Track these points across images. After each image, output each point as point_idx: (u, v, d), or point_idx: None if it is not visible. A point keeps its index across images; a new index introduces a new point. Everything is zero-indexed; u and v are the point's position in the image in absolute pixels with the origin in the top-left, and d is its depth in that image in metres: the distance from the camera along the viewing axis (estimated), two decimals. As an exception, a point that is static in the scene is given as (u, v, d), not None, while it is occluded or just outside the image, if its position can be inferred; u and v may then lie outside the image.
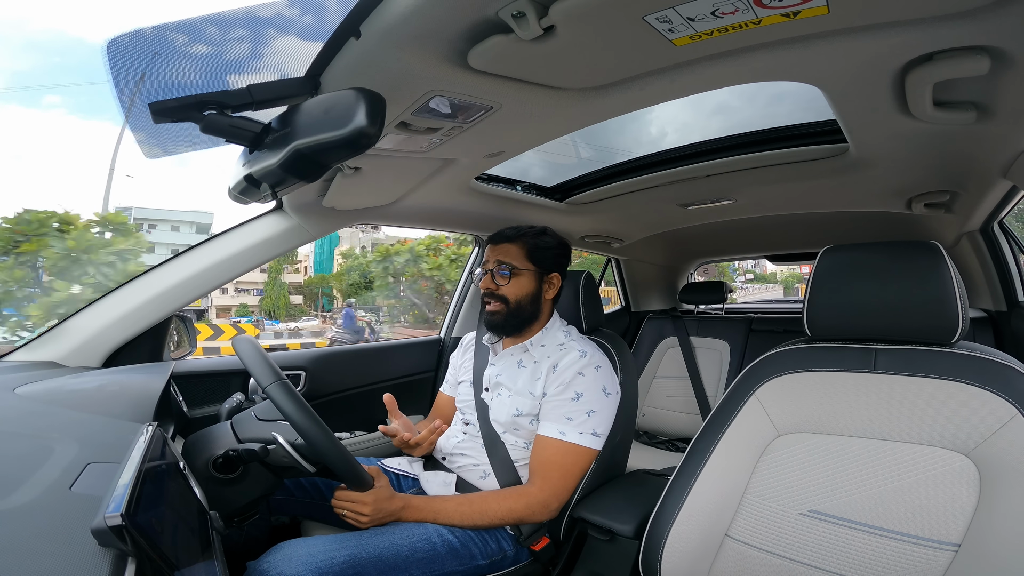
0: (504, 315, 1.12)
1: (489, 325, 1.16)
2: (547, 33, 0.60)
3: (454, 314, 1.85)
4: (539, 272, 1.14)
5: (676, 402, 2.25)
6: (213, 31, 0.65)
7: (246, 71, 0.68)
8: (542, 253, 1.15)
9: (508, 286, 1.12)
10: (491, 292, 1.13)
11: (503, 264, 1.12)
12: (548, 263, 1.15)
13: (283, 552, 0.82)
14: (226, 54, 0.66)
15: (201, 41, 0.65)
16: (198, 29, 0.64)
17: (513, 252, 1.14)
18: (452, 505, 0.98)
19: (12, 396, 0.79)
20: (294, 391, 0.77)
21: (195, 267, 1.10)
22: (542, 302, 1.15)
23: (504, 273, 1.12)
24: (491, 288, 1.13)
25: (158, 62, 0.64)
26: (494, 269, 1.13)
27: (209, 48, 0.66)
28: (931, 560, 0.68)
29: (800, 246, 2.32)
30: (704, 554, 0.83)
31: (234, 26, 0.65)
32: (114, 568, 0.40)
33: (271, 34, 0.67)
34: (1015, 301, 1.67)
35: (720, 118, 1.25)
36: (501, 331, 1.15)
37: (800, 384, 0.85)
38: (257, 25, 0.65)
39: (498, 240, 1.16)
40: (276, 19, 0.66)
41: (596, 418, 1.03)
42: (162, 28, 0.63)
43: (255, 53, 0.67)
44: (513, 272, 1.12)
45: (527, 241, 1.14)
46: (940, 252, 0.77)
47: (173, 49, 0.65)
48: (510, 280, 1.12)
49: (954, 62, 0.65)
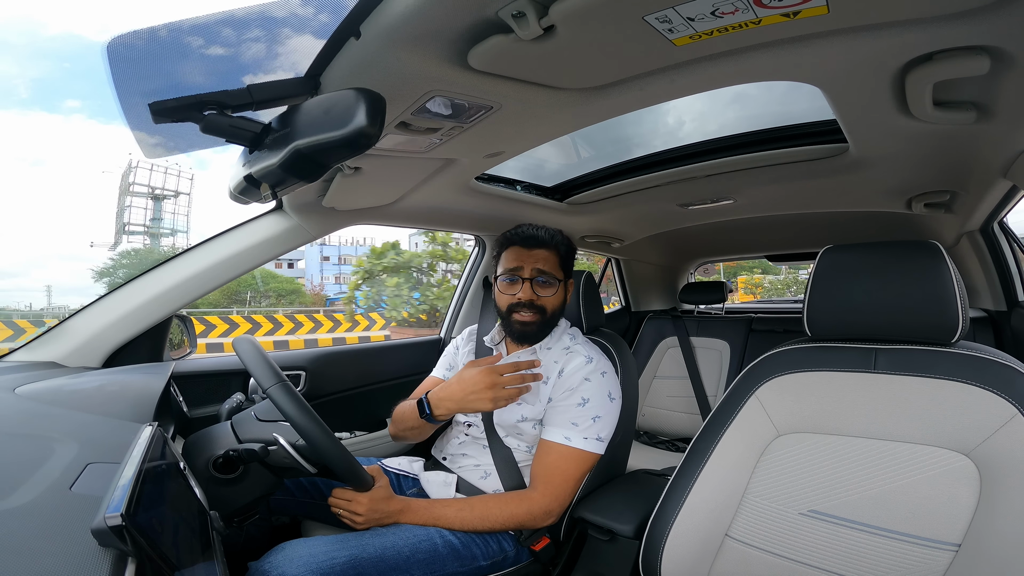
0: (538, 325, 1.07)
1: (519, 336, 1.10)
2: (547, 33, 0.60)
3: (454, 314, 1.84)
4: (566, 281, 1.12)
5: (676, 402, 2.25)
6: (213, 31, 0.64)
7: (246, 71, 0.68)
8: (570, 260, 1.12)
9: (551, 297, 1.07)
10: (530, 303, 1.06)
11: (545, 274, 1.06)
12: (570, 270, 1.14)
13: (284, 553, 0.82)
14: (226, 54, 0.66)
15: (201, 41, 0.65)
16: (198, 29, 0.64)
17: (552, 260, 1.08)
18: (452, 510, 0.97)
19: (12, 396, 0.79)
20: (295, 392, 0.77)
21: (195, 267, 1.10)
22: (563, 310, 1.14)
23: (550, 283, 1.06)
24: (532, 299, 1.06)
25: (158, 62, 0.64)
26: (534, 278, 1.06)
27: (209, 48, 0.66)
28: (931, 560, 0.68)
29: (800, 246, 2.33)
30: (704, 554, 0.83)
31: (234, 26, 0.65)
32: (114, 568, 0.40)
33: (271, 34, 0.67)
34: (1015, 301, 1.67)
35: (737, 107, 1.22)
36: (530, 341, 1.11)
37: (800, 384, 0.85)
38: (257, 25, 0.65)
39: (531, 244, 1.08)
40: (276, 19, 0.66)
41: (600, 423, 1.02)
42: (163, 28, 0.63)
43: (255, 53, 0.67)
44: (558, 283, 1.08)
45: (560, 248, 1.10)
46: (940, 252, 0.77)
47: (173, 49, 0.65)
48: (555, 291, 1.07)
49: (954, 62, 0.65)
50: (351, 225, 1.34)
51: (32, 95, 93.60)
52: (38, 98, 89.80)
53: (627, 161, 1.40)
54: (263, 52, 0.67)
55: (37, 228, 74.87)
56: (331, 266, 31.06)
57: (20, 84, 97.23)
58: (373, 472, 0.94)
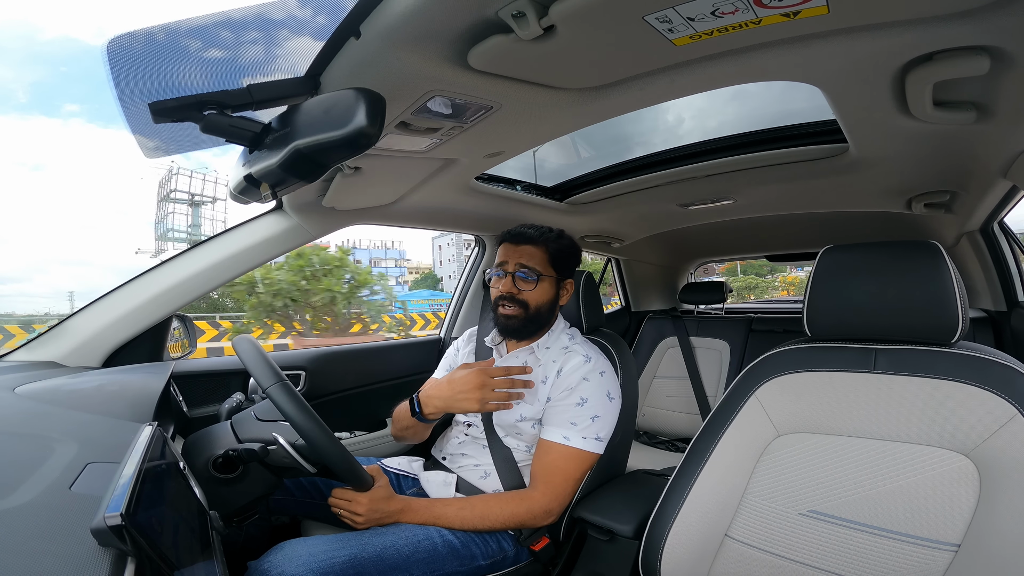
0: (521, 320, 1.08)
1: (503, 329, 1.12)
2: (547, 33, 0.60)
3: (454, 314, 1.84)
4: (558, 279, 1.12)
5: (676, 402, 2.25)
6: (213, 31, 0.64)
7: (246, 71, 0.68)
8: (563, 259, 1.12)
9: (532, 292, 1.08)
10: (512, 296, 1.08)
11: (527, 268, 1.08)
12: (567, 269, 1.13)
13: (283, 552, 0.82)
14: (226, 54, 0.66)
15: (201, 41, 0.65)
16: (198, 29, 0.64)
17: (537, 256, 1.09)
18: (453, 510, 0.97)
19: (12, 396, 0.79)
20: (295, 392, 0.77)
21: (195, 267, 1.10)
22: (556, 309, 1.13)
23: (530, 278, 1.07)
24: (512, 292, 1.08)
25: (158, 62, 0.64)
26: (515, 272, 1.08)
27: (209, 48, 0.66)
28: (931, 560, 0.68)
29: (800, 246, 2.33)
30: (704, 554, 0.83)
31: (234, 26, 0.65)
32: (114, 568, 0.40)
33: (271, 34, 0.67)
34: (1015, 301, 1.67)
35: (736, 104, 1.22)
36: (514, 335, 1.12)
37: (800, 384, 0.85)
38: (257, 25, 0.65)
39: (518, 240, 1.10)
40: (276, 19, 0.66)
41: (599, 423, 1.02)
42: (163, 28, 0.63)
43: (255, 53, 0.67)
44: (540, 277, 1.08)
45: (550, 245, 1.10)
46: (940, 252, 0.77)
47: (173, 49, 0.65)
48: (536, 286, 1.08)
49: (954, 62, 0.65)
50: (351, 225, 1.34)
51: (30, 100, 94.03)
52: (37, 103, 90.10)
53: (627, 161, 1.41)
54: (263, 52, 0.67)
55: (37, 233, 75.02)
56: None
57: (18, 89, 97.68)
58: (372, 472, 0.94)
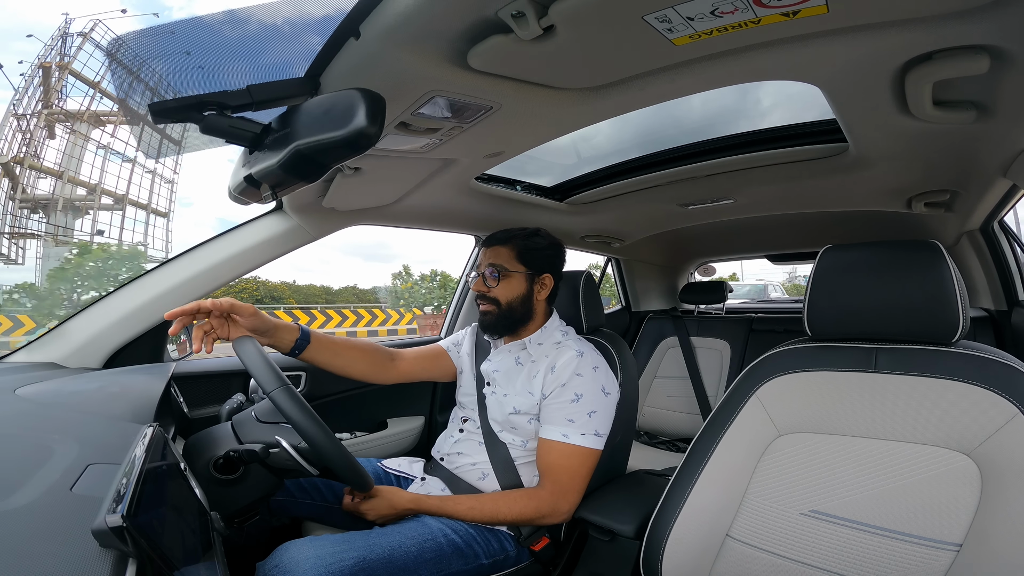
0: (496, 316, 1.14)
1: (482, 326, 1.18)
2: (547, 33, 0.60)
3: (454, 315, 1.85)
4: (530, 273, 1.15)
5: (676, 402, 2.25)
6: (212, 31, 0.65)
7: (246, 71, 0.68)
8: (533, 254, 1.16)
9: (498, 288, 1.14)
10: (483, 294, 1.15)
11: (493, 266, 1.14)
12: (539, 264, 1.16)
13: (290, 553, 0.82)
14: (225, 54, 0.66)
15: (200, 41, 0.65)
16: (198, 29, 0.64)
17: (504, 254, 1.15)
18: (463, 508, 1.01)
19: (13, 397, 0.79)
20: (298, 396, 0.77)
21: (195, 268, 1.10)
22: (534, 303, 1.16)
23: (494, 275, 1.14)
24: (482, 290, 1.15)
25: (158, 62, 0.64)
26: (485, 272, 1.15)
27: (209, 48, 0.66)
28: (932, 560, 0.68)
29: (800, 246, 2.33)
30: (705, 554, 0.83)
31: (233, 26, 0.65)
32: (115, 569, 0.39)
33: (271, 34, 0.66)
34: (1015, 300, 1.67)
35: (737, 90, 1.22)
36: (494, 331, 1.17)
37: (801, 384, 0.85)
38: (256, 25, 0.65)
39: (490, 243, 1.19)
40: (276, 19, 0.66)
41: (597, 418, 1.03)
42: (163, 28, 0.63)
43: (255, 53, 0.67)
44: (503, 274, 1.13)
45: (517, 243, 1.16)
46: (940, 251, 0.77)
47: (173, 49, 0.65)
48: (500, 282, 1.14)
49: (954, 61, 0.65)
50: (351, 225, 1.34)
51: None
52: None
53: (627, 161, 1.40)
54: (263, 52, 0.67)
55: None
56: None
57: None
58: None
